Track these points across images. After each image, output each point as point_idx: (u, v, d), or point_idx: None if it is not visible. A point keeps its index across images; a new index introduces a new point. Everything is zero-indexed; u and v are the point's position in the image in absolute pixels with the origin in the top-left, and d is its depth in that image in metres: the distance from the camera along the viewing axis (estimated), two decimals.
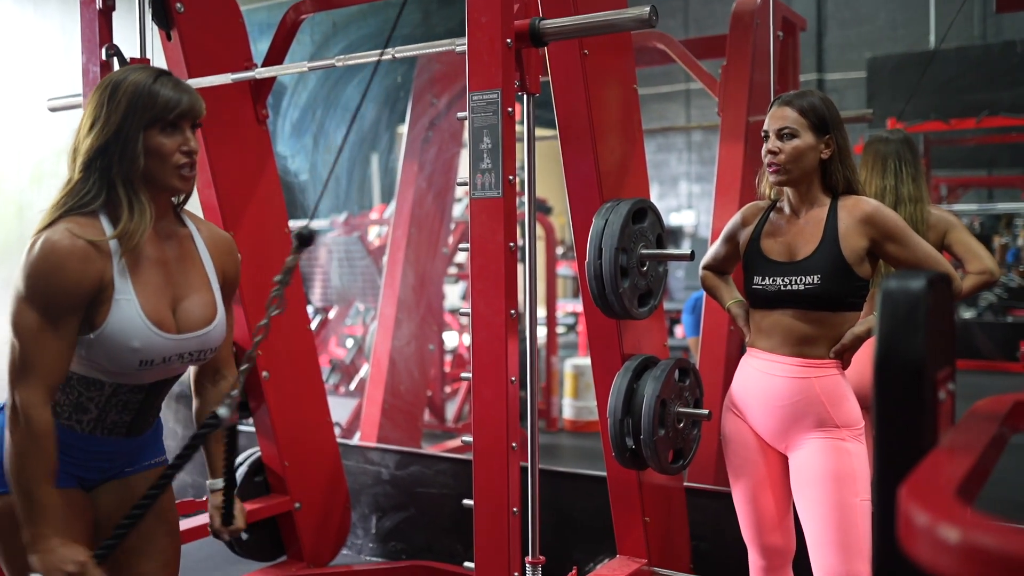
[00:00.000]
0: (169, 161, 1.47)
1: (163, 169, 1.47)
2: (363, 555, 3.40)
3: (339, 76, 5.29)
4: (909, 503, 0.55)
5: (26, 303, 1.40)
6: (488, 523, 2.01)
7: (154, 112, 1.45)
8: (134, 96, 1.45)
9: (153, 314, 1.47)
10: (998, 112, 5.75)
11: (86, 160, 1.45)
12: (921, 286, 0.66)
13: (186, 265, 1.56)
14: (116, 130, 1.44)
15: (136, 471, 1.62)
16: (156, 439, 1.67)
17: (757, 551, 2.01)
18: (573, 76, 2.20)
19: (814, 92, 1.92)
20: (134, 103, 1.44)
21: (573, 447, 5.20)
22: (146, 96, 1.45)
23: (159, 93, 1.45)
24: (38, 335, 1.40)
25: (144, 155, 1.45)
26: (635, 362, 2.14)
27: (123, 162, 1.45)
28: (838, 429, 1.85)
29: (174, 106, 1.46)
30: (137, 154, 1.44)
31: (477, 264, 1.99)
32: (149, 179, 1.47)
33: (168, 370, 1.54)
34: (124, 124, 1.44)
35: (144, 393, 1.55)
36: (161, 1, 2.49)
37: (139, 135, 1.44)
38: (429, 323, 4.52)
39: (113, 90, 1.46)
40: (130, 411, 1.55)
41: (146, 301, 1.47)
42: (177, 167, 1.48)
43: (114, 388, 1.51)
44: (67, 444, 1.50)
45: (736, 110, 3.26)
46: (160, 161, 1.46)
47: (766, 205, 2.00)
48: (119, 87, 1.46)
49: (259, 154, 2.81)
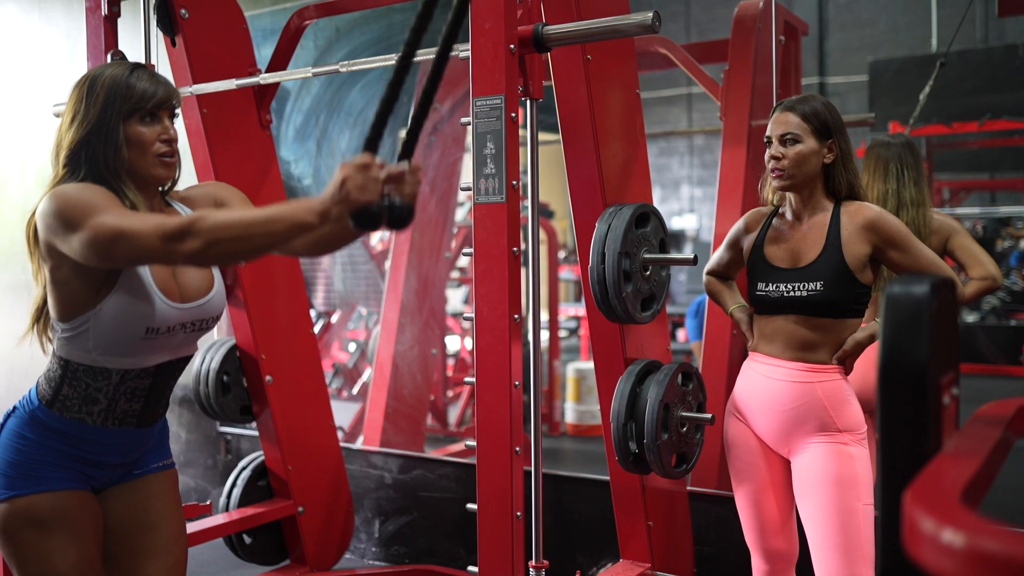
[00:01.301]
0: (149, 150, 1.50)
1: (144, 158, 1.50)
2: (366, 559, 3.40)
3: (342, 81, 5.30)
4: (914, 508, 0.55)
5: (84, 222, 1.34)
6: (492, 527, 2.01)
7: (132, 103, 1.48)
8: (112, 88, 1.48)
9: (160, 282, 1.50)
10: (1000, 115, 5.75)
11: (69, 154, 1.48)
12: (925, 291, 0.66)
13: None
14: (96, 122, 1.47)
15: (143, 474, 1.63)
16: (163, 441, 1.68)
17: (760, 555, 2.01)
18: (576, 81, 2.21)
19: (816, 97, 1.93)
20: (112, 95, 1.48)
21: (575, 451, 5.20)
22: (124, 87, 1.48)
23: (136, 85, 1.49)
24: (122, 213, 1.35)
25: (126, 145, 1.48)
26: (638, 366, 2.15)
27: (107, 154, 1.47)
28: (841, 433, 1.85)
29: (151, 96, 1.50)
30: (119, 144, 1.47)
31: (481, 268, 2.00)
32: (132, 172, 1.50)
33: (171, 345, 1.55)
34: (103, 116, 1.47)
35: (151, 378, 1.56)
36: (166, 7, 2.50)
37: (119, 126, 1.48)
38: (432, 327, 4.52)
39: (91, 84, 1.49)
40: (139, 399, 1.56)
41: (155, 270, 1.49)
42: (158, 155, 1.51)
43: (121, 375, 1.52)
44: (79, 437, 1.51)
45: (738, 114, 3.26)
46: (141, 151, 1.49)
47: (769, 211, 2.00)
48: (96, 81, 1.49)
49: (263, 159, 2.82)
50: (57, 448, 1.50)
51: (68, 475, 1.50)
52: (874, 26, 9.93)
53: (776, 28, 3.11)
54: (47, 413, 1.51)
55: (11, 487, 1.49)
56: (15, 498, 1.48)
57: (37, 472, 1.49)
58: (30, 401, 1.53)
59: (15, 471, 1.49)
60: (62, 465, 1.50)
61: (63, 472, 1.50)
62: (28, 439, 1.50)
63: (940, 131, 5.80)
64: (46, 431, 1.50)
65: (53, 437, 1.50)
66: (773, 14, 3.10)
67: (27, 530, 1.47)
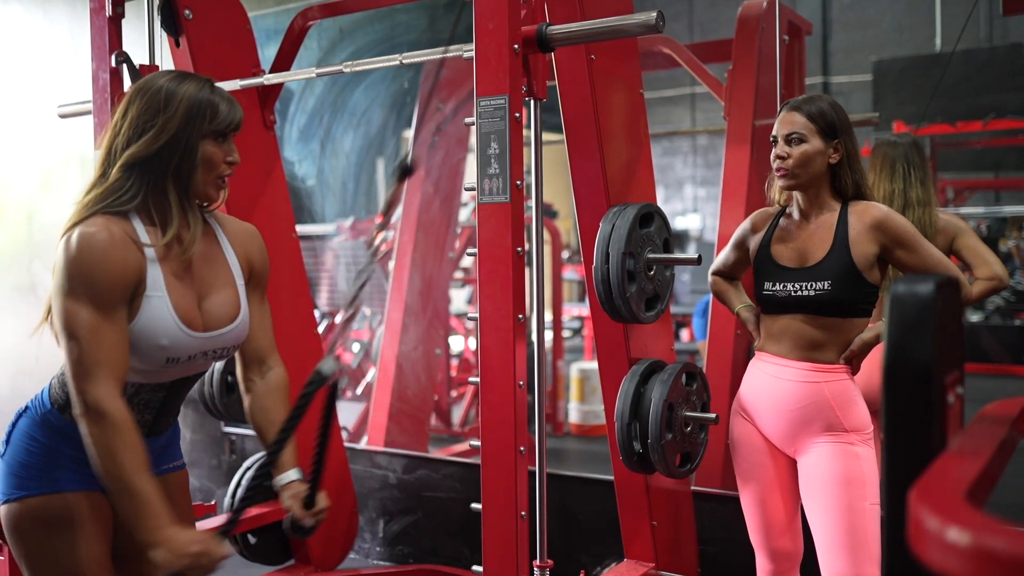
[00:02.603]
0: (215, 171, 1.49)
1: (208, 177, 1.49)
2: (370, 559, 3.41)
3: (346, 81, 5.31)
4: (919, 506, 0.55)
5: (75, 300, 1.38)
6: (496, 527, 2.01)
7: (215, 123, 1.47)
8: (194, 106, 1.46)
9: (182, 312, 1.48)
10: (1005, 114, 5.74)
11: (129, 163, 1.45)
12: (930, 290, 0.66)
13: (211, 263, 1.57)
14: (173, 138, 1.45)
15: (154, 475, 1.62)
16: (174, 443, 1.68)
17: (765, 555, 2.01)
18: (580, 81, 2.21)
19: (823, 97, 1.93)
20: (195, 112, 1.46)
21: (579, 451, 5.20)
22: (207, 106, 1.47)
23: (219, 105, 1.48)
24: (96, 330, 1.38)
25: (199, 164, 1.47)
26: (642, 366, 2.15)
27: (180, 169, 1.46)
28: (847, 433, 1.85)
29: (231, 118, 1.49)
30: (196, 163, 1.46)
31: (485, 269, 2.00)
32: (189, 188, 1.49)
33: (191, 368, 1.55)
34: (183, 133, 1.45)
35: (165, 392, 1.56)
36: (170, 8, 2.50)
37: (199, 143, 1.46)
38: (435, 327, 4.52)
39: (168, 98, 1.46)
40: (151, 410, 1.56)
41: (177, 299, 1.48)
42: (219, 177, 1.51)
43: (137, 388, 1.52)
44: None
45: (742, 114, 3.26)
46: (208, 170, 1.49)
47: (775, 211, 2.00)
48: (174, 96, 1.46)
49: (267, 159, 2.82)
50: (67, 452, 1.50)
51: (78, 476, 1.50)
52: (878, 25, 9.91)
53: (780, 28, 3.11)
54: (59, 418, 1.51)
55: (22, 487, 1.49)
56: (26, 498, 1.48)
57: (48, 473, 1.49)
58: (42, 404, 1.53)
59: (26, 472, 1.49)
60: (72, 467, 1.50)
61: (73, 473, 1.50)
62: (39, 442, 1.50)
63: (944, 130, 5.79)
64: (57, 435, 1.50)
65: (64, 441, 1.50)
66: (777, 14, 3.10)
67: (38, 530, 1.48)
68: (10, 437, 1.54)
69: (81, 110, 2.74)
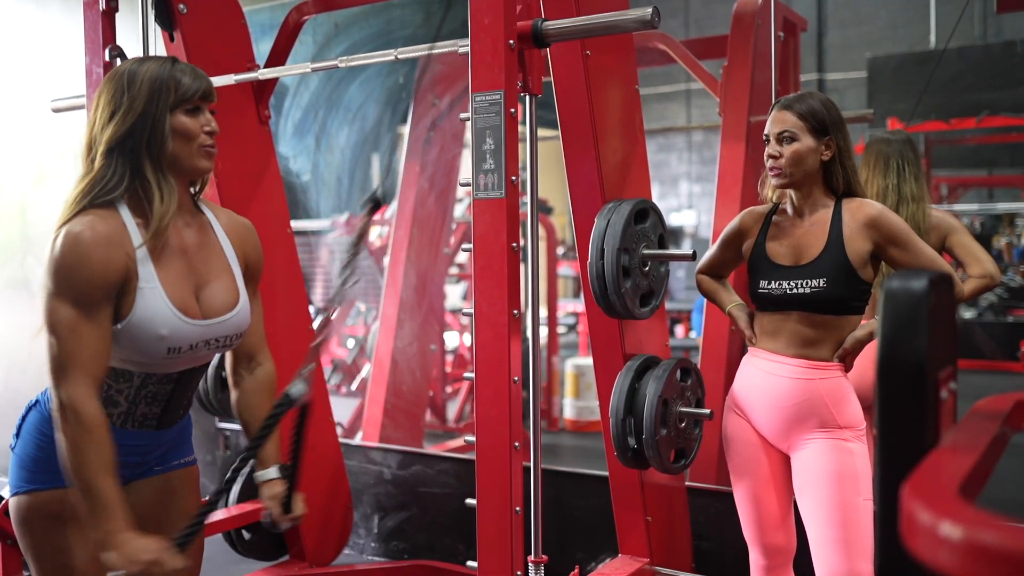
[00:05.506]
0: (195, 141, 1.50)
1: (189, 149, 1.50)
2: (365, 555, 3.41)
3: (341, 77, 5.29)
4: (912, 501, 0.56)
5: (58, 298, 1.40)
6: (491, 522, 2.01)
7: (179, 94, 1.48)
8: (156, 81, 1.48)
9: (178, 300, 1.48)
10: (998, 112, 5.75)
11: (107, 149, 1.47)
12: (923, 286, 0.66)
13: (206, 252, 1.57)
14: (141, 114, 1.46)
15: (165, 470, 1.63)
16: (185, 438, 1.67)
17: (759, 550, 2.01)
18: (575, 77, 2.21)
19: (815, 94, 1.93)
20: (157, 87, 1.47)
21: (574, 447, 5.21)
22: (169, 79, 1.48)
23: (181, 78, 1.49)
24: (75, 328, 1.40)
25: (171, 137, 1.48)
26: (637, 362, 2.15)
27: (152, 144, 1.47)
28: (841, 430, 1.86)
29: (196, 88, 1.50)
30: (166, 135, 1.47)
31: (480, 264, 2.00)
32: (173, 164, 1.50)
33: (195, 358, 1.55)
34: (149, 108, 1.47)
35: (173, 384, 1.56)
36: (164, 2, 2.49)
37: (166, 116, 1.47)
38: (431, 323, 4.52)
39: (131, 78, 1.48)
40: (159, 403, 1.56)
41: (171, 288, 1.48)
42: (203, 147, 1.52)
43: (143, 379, 1.52)
44: None
45: (737, 110, 3.27)
46: (186, 142, 1.49)
47: (766, 209, 2.00)
48: (136, 75, 1.48)
49: (261, 155, 2.82)
50: None
51: None
52: (873, 22, 9.92)
53: (775, 24, 3.11)
54: None
55: (32, 481, 1.49)
56: (35, 492, 1.49)
57: (56, 468, 1.48)
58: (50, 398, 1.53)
59: (36, 466, 1.49)
60: None
61: None
62: (47, 436, 1.49)
63: (938, 127, 5.80)
64: None
65: None
66: (772, 10, 3.10)
67: (46, 524, 1.48)
68: (20, 430, 1.55)
69: (74, 104, 2.73)
